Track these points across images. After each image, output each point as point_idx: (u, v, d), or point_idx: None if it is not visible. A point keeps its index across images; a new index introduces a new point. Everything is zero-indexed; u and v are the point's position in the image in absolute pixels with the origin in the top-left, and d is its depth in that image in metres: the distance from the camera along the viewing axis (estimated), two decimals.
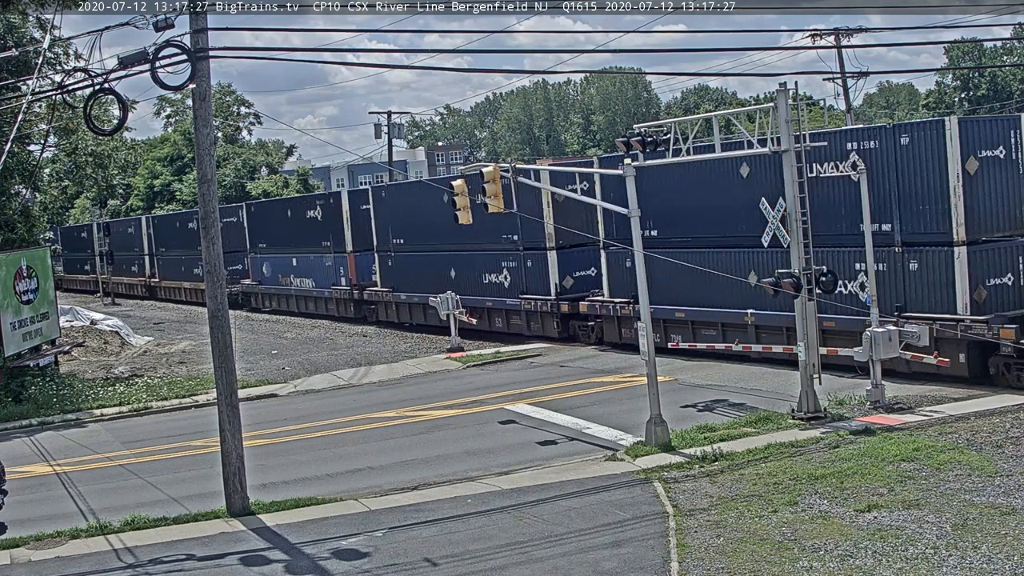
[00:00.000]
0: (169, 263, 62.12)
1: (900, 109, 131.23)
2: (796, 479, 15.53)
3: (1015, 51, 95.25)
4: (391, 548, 14.09)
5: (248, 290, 50.94)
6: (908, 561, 11.98)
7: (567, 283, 32.20)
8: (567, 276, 32.18)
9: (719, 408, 21.37)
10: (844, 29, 47.09)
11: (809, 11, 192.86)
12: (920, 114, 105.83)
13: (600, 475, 16.98)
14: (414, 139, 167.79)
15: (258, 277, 49.99)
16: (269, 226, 48.98)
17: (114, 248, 67.91)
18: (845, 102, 48.50)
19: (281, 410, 25.69)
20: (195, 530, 15.70)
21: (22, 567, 14.60)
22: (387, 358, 32.55)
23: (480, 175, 22.54)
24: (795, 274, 19.34)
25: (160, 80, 15.71)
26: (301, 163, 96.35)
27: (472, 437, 20.83)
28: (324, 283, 44.15)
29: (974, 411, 18.91)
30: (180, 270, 59.98)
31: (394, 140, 64.75)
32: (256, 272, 50.09)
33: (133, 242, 66.81)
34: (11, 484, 17.77)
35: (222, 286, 16.71)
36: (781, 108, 19.21)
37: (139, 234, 65.93)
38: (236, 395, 16.70)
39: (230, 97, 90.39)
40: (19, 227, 30.93)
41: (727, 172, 25.39)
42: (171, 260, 61.65)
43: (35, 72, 21.83)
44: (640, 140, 20.42)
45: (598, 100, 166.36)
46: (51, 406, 26.98)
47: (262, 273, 49.55)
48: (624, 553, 13.09)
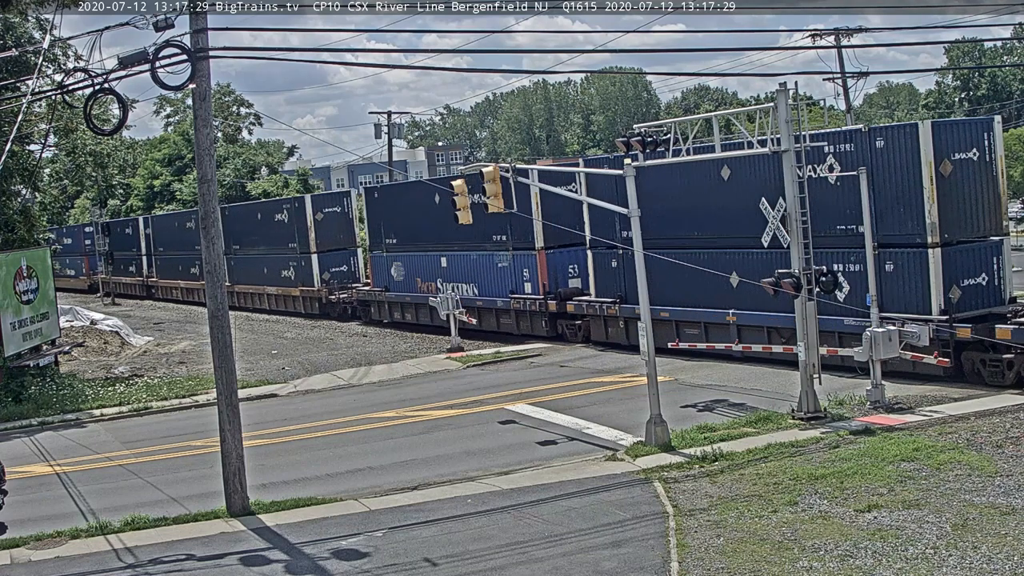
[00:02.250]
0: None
1: (900, 109, 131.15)
2: (796, 479, 15.53)
3: (1015, 51, 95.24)
4: (391, 548, 14.09)
5: (367, 298, 42.09)
6: (908, 561, 11.97)
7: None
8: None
9: (719, 408, 21.37)
10: (844, 29, 47.11)
11: (808, 11, 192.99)
12: (920, 114, 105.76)
13: (600, 475, 16.97)
14: (414, 139, 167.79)
15: (382, 282, 40.61)
16: (400, 216, 39.60)
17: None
18: (845, 102, 48.49)
19: (281, 410, 25.68)
20: (195, 530, 15.70)
21: (22, 567, 14.60)
22: (387, 358, 32.55)
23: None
24: (795, 274, 19.35)
25: (160, 80, 15.71)
26: (301, 163, 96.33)
27: (472, 437, 20.83)
28: (495, 290, 34.57)
29: (974, 411, 18.91)
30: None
31: (394, 140, 64.65)
32: (380, 276, 40.81)
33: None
34: (11, 484, 17.76)
35: (222, 286, 16.70)
36: (781, 108, 19.21)
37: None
38: (236, 395, 16.69)
39: (230, 97, 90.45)
40: (19, 227, 30.94)
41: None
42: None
43: (35, 72, 21.83)
44: (640, 140, 20.42)
45: (598, 100, 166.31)
46: (51, 406, 26.99)
47: (389, 277, 40.10)
48: (624, 553, 13.09)
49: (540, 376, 27.21)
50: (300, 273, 45.99)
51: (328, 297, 44.18)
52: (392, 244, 39.95)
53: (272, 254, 48.28)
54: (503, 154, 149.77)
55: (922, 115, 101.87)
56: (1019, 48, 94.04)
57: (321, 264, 45.00)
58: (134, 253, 66.30)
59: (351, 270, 45.93)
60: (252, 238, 50.31)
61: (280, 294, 48.19)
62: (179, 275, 59.25)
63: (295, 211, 46.25)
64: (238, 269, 50.75)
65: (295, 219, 45.91)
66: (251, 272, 50.48)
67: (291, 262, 46.64)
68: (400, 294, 39.55)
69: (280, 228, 47.43)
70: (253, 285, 50.53)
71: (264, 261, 49.20)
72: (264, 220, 49.34)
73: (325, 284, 44.67)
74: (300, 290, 46.13)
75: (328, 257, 45.26)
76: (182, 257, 58.07)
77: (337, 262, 45.54)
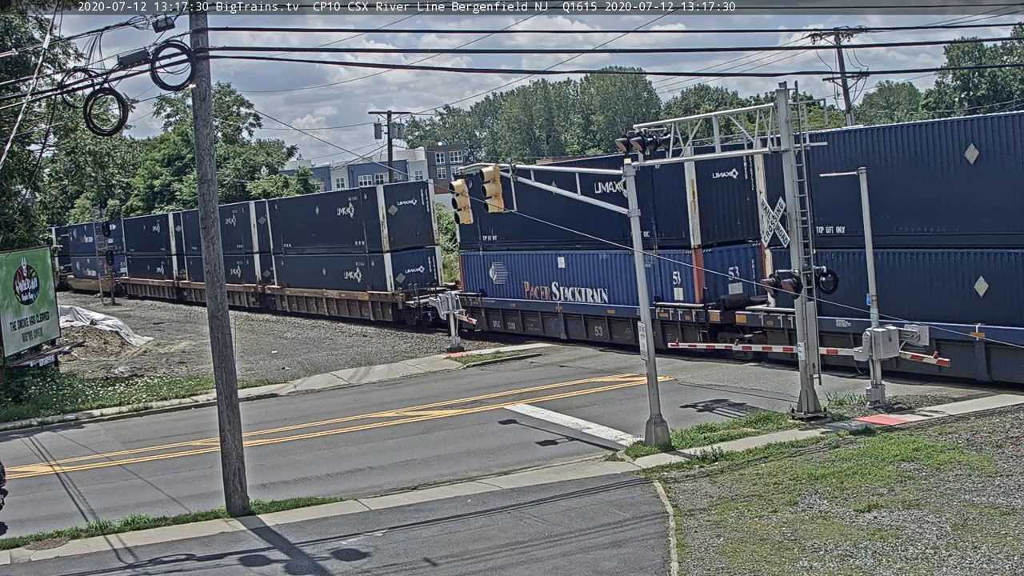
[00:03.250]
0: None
1: (900, 109, 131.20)
2: (796, 479, 15.53)
3: (1015, 51, 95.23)
4: (391, 548, 14.09)
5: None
6: (908, 561, 11.97)
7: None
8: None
9: (719, 408, 21.37)
10: (844, 29, 47.13)
11: (808, 11, 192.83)
12: (920, 114, 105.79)
13: (600, 475, 16.98)
14: (414, 139, 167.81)
15: (477, 286, 35.50)
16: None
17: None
18: (845, 102, 48.52)
19: (281, 410, 25.69)
20: (195, 530, 15.70)
21: (22, 567, 14.60)
22: (387, 358, 32.55)
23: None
24: (795, 274, 19.36)
25: (160, 80, 15.72)
26: (301, 163, 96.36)
27: (472, 437, 20.83)
28: (633, 296, 26.65)
29: (974, 411, 18.91)
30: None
31: (394, 140, 64.66)
32: (474, 278, 35.79)
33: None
34: (11, 484, 17.76)
35: (222, 286, 16.71)
36: (781, 108, 19.21)
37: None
38: (236, 395, 16.69)
39: (230, 97, 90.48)
40: (19, 227, 30.95)
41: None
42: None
43: (35, 72, 21.85)
44: (640, 140, 20.44)
45: (598, 100, 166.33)
46: (51, 406, 26.99)
47: (486, 280, 35.07)
48: (624, 553, 13.09)
49: (540, 376, 27.22)
50: (369, 275, 40.55)
51: (406, 302, 38.35)
52: (491, 242, 34.57)
53: (333, 253, 43.13)
54: (503, 154, 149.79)
55: (922, 115, 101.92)
56: (1019, 48, 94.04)
57: (395, 264, 39.38)
58: (162, 253, 61.31)
59: (428, 271, 40.30)
60: (308, 235, 45.05)
61: (343, 298, 42.79)
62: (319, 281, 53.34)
63: (364, 204, 40.81)
64: (289, 270, 46.69)
65: (363, 213, 40.57)
66: (306, 274, 45.46)
67: (358, 262, 41.22)
68: (502, 299, 34.16)
69: (344, 224, 42.03)
70: (309, 288, 45.37)
71: (323, 261, 43.92)
72: (324, 215, 43.96)
73: (401, 287, 38.89)
74: (369, 294, 40.59)
75: (403, 257, 39.61)
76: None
77: (413, 262, 39.87)
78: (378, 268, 39.95)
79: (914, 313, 21.42)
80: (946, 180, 21.40)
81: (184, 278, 59.08)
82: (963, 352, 20.95)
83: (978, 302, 20.99)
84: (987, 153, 20.65)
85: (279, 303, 48.46)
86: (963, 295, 21.25)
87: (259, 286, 49.77)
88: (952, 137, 21.35)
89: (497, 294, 34.45)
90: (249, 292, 50.90)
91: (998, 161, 20.52)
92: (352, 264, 41.87)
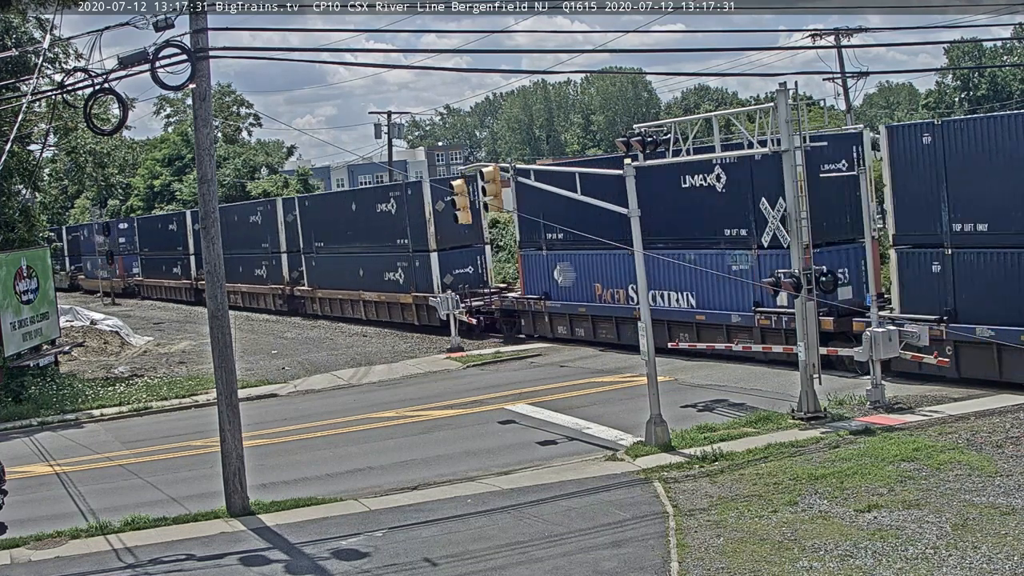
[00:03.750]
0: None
1: (900, 109, 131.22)
2: (796, 479, 15.53)
3: (1015, 51, 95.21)
4: (391, 548, 14.09)
5: (516, 307, 34.10)
6: (908, 561, 11.97)
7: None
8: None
9: (719, 408, 21.37)
10: (844, 29, 47.13)
11: (808, 11, 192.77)
12: (920, 114, 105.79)
13: (600, 475, 16.97)
14: (414, 139, 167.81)
15: (539, 288, 32.95)
16: (570, 203, 25.64)
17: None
18: (845, 102, 48.53)
19: (281, 410, 25.68)
20: (195, 530, 15.70)
21: (22, 567, 14.60)
22: (387, 358, 32.54)
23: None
24: (795, 274, 19.37)
25: (160, 80, 15.72)
26: (301, 163, 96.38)
27: (472, 437, 20.83)
28: (727, 301, 26.49)
29: (974, 411, 18.91)
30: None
31: (394, 140, 64.65)
32: (536, 280, 33.01)
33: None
34: (11, 484, 17.76)
35: (222, 286, 16.72)
36: (781, 108, 19.21)
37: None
38: (236, 395, 16.70)
39: (230, 97, 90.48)
40: (19, 227, 30.95)
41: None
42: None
43: (35, 72, 21.85)
44: (640, 140, 20.44)
45: (598, 100, 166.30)
46: (51, 406, 26.99)
47: (550, 281, 32.47)
48: (624, 553, 13.09)
49: (540, 376, 27.21)
50: (412, 275, 37.74)
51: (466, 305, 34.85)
52: (556, 240, 31.65)
53: (372, 253, 40.38)
54: (503, 154, 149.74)
55: (922, 115, 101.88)
56: (1019, 48, 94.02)
57: (442, 264, 36.53)
58: (179, 253, 57.86)
59: (477, 272, 36.97)
60: (344, 234, 42.40)
61: (382, 301, 39.98)
62: (240, 277, 49.69)
63: (407, 200, 38.00)
64: (320, 270, 44.24)
65: (407, 209, 37.77)
66: (340, 274, 42.73)
67: (399, 262, 38.57)
68: (569, 303, 31.40)
69: (384, 221, 39.38)
70: (343, 290, 42.70)
71: (360, 261, 41.24)
72: (362, 212, 41.34)
73: (450, 289, 35.60)
74: (413, 296, 37.65)
75: (450, 256, 36.56)
76: (245, 256, 49.37)
77: (461, 262, 36.64)
78: (424, 268, 37.00)
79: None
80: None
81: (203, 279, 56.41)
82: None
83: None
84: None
85: (309, 305, 45.75)
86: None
87: (287, 287, 47.19)
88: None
89: (564, 297, 31.60)
90: (276, 294, 48.36)
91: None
92: (393, 264, 39.10)
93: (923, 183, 21.28)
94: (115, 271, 65.83)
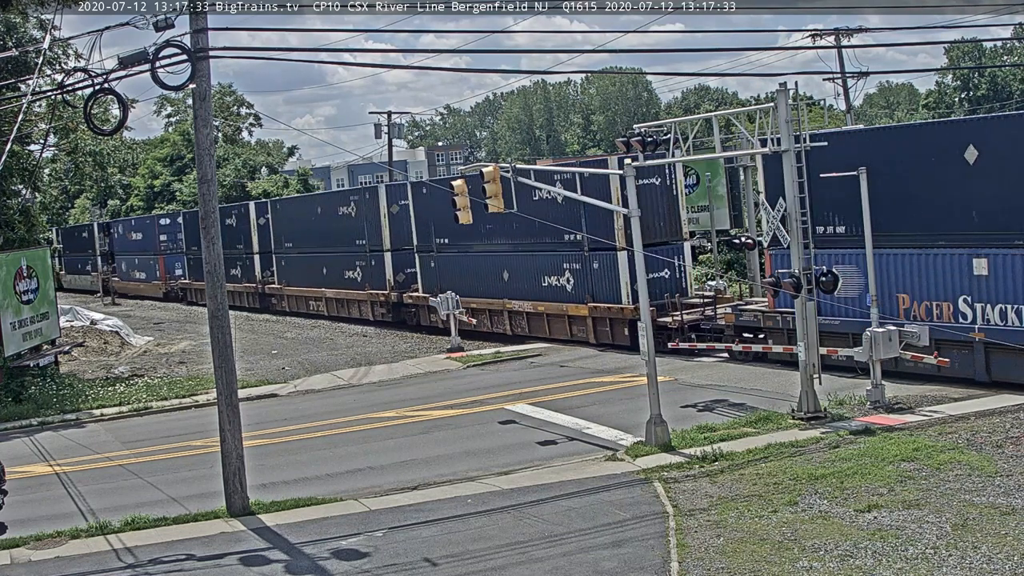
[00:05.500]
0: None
1: (900, 109, 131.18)
2: (796, 479, 15.53)
3: (1015, 51, 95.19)
4: (391, 548, 14.09)
5: (759, 324, 25.64)
6: (908, 561, 11.97)
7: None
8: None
9: (719, 408, 21.37)
10: (844, 29, 47.09)
11: (808, 11, 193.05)
12: (920, 114, 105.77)
13: (600, 475, 16.97)
14: (414, 139, 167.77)
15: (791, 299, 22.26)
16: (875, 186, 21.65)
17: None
18: (845, 102, 48.49)
19: (281, 410, 25.68)
20: (195, 530, 15.70)
21: (22, 567, 14.60)
22: (387, 358, 32.54)
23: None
24: (795, 274, 19.37)
25: (160, 80, 15.72)
26: (301, 163, 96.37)
27: (472, 437, 20.83)
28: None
29: (974, 411, 18.92)
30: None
31: (394, 140, 64.58)
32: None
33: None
34: (11, 484, 17.77)
35: (222, 286, 16.72)
36: (781, 108, 19.22)
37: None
38: (236, 395, 16.70)
39: (230, 97, 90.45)
40: (19, 227, 30.95)
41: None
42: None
43: (35, 72, 21.85)
44: (640, 140, 20.44)
45: (598, 100, 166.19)
46: (51, 406, 26.99)
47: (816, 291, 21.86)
48: (624, 553, 13.09)
49: (540, 376, 27.21)
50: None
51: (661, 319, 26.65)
52: (830, 235, 23.48)
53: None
54: (503, 154, 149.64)
55: (922, 115, 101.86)
56: (1019, 48, 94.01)
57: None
58: (238, 251, 50.85)
59: (675, 276, 29.05)
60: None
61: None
62: (318, 280, 44.57)
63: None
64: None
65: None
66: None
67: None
68: (848, 320, 22.69)
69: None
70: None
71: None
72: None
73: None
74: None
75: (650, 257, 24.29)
76: (323, 256, 44.03)
77: (656, 267, 27.57)
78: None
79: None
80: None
81: (272, 282, 48.85)
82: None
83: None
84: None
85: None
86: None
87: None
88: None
89: (832, 313, 23.08)
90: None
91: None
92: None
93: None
94: (156, 273, 61.83)
